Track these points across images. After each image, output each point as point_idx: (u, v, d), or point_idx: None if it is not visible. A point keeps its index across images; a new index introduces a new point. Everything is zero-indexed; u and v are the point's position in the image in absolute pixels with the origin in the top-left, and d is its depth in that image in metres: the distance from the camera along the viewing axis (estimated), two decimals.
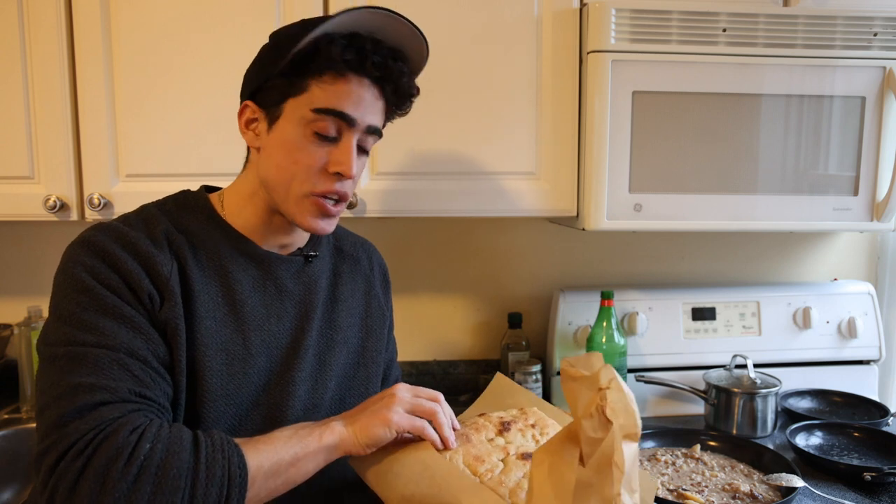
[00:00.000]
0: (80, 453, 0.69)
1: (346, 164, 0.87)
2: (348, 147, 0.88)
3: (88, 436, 0.70)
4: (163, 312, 0.81)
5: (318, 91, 0.86)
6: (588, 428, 0.61)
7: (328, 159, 0.87)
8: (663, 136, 1.29)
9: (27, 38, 1.24)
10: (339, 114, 0.86)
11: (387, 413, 0.80)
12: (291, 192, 0.88)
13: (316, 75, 0.86)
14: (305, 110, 0.86)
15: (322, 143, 0.87)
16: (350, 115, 0.87)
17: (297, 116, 0.87)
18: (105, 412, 0.72)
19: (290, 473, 0.77)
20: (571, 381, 0.65)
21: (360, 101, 0.87)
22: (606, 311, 1.48)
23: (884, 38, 1.30)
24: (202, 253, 0.88)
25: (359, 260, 1.09)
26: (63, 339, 0.76)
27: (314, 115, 0.86)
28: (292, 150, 0.87)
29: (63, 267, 0.81)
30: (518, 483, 0.78)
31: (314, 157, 0.87)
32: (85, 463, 0.68)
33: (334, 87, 0.86)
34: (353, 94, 0.87)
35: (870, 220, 1.35)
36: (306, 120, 0.86)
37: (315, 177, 0.88)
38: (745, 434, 1.41)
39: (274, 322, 0.91)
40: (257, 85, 0.90)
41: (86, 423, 0.70)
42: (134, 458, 0.69)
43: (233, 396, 0.85)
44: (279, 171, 0.88)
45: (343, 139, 0.88)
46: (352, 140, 0.88)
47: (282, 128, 0.88)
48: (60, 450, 0.69)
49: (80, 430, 0.70)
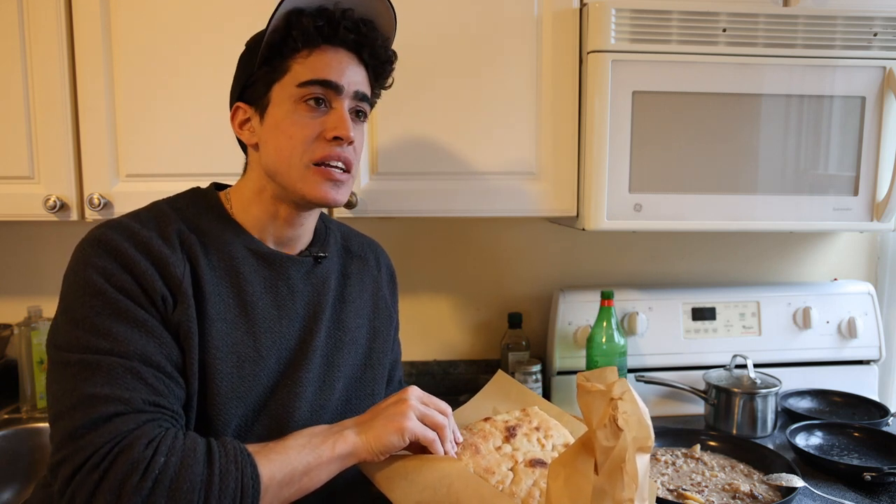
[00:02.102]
0: (96, 467, 0.69)
1: (343, 127, 0.88)
2: (341, 111, 0.89)
3: (104, 449, 0.70)
4: (176, 314, 0.81)
5: (299, 67, 0.88)
6: (602, 437, 0.64)
7: (324, 128, 0.88)
8: (663, 136, 1.29)
9: (27, 38, 1.24)
10: (324, 82, 0.88)
11: (401, 421, 0.80)
12: (294, 167, 0.88)
13: (293, 53, 0.88)
14: (291, 88, 0.88)
15: (314, 114, 0.88)
16: (335, 82, 0.88)
17: (285, 97, 0.88)
18: (119, 424, 0.72)
19: (303, 483, 0.77)
20: (587, 395, 0.67)
21: (342, 69, 0.89)
22: (606, 311, 1.48)
23: (884, 38, 1.30)
24: (214, 253, 0.88)
25: (367, 260, 1.09)
26: (76, 344, 0.76)
27: (300, 90, 0.87)
28: (287, 128, 0.88)
29: (74, 267, 0.80)
30: (529, 492, 0.79)
31: (309, 127, 0.88)
32: (101, 477, 0.69)
33: (313, 59, 0.88)
34: (333, 63, 0.89)
35: (870, 220, 1.35)
36: (294, 97, 0.88)
37: (314, 145, 0.88)
38: (745, 434, 1.41)
39: (285, 324, 0.91)
40: (242, 85, 0.92)
41: (101, 435, 0.71)
42: (149, 472, 0.69)
43: (243, 398, 0.85)
44: (279, 152, 0.89)
45: (334, 106, 0.89)
46: (343, 105, 0.89)
47: (273, 114, 0.89)
48: (76, 463, 0.70)
49: (95, 444, 0.70)
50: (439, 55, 1.29)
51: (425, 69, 1.29)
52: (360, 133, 0.94)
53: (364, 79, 0.94)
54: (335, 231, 1.07)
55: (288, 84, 0.88)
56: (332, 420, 0.89)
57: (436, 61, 1.29)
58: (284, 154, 0.88)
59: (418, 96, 1.29)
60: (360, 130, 0.94)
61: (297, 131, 0.88)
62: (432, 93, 1.29)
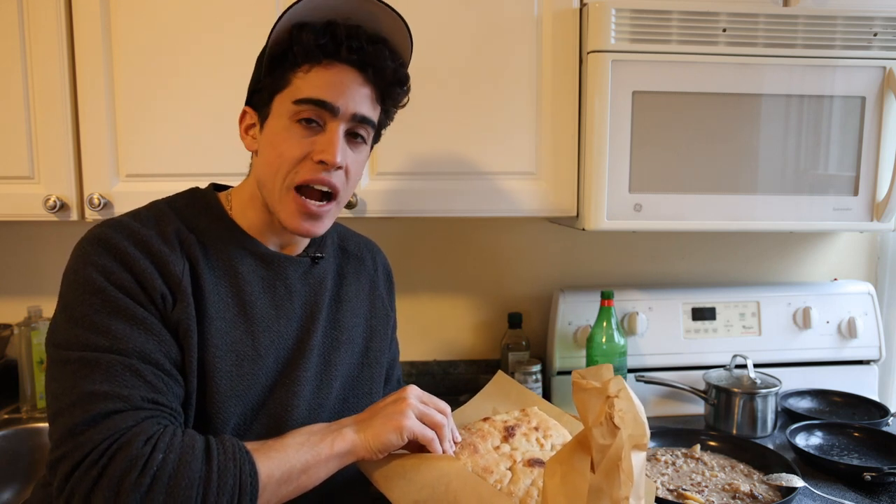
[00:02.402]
0: (95, 463, 0.69)
1: (330, 151, 0.85)
2: (332, 134, 0.86)
3: (102, 446, 0.70)
4: (175, 313, 0.81)
5: (299, 82, 0.86)
6: (598, 435, 0.64)
7: (312, 149, 0.86)
8: (663, 136, 1.29)
9: (27, 38, 1.24)
10: (319, 102, 0.85)
11: (400, 419, 0.80)
12: (276, 187, 0.87)
13: (295, 67, 0.86)
14: (288, 103, 0.86)
15: (307, 133, 0.86)
16: (331, 104, 0.85)
17: (283, 111, 0.87)
18: (118, 421, 0.72)
19: (302, 480, 0.77)
20: (582, 392, 0.67)
21: (341, 89, 0.86)
22: (606, 311, 1.48)
23: (884, 38, 1.30)
24: (212, 253, 0.88)
25: (363, 260, 1.09)
26: (75, 342, 0.76)
27: (296, 107, 0.85)
28: (278, 144, 0.86)
29: (74, 265, 0.80)
30: (527, 491, 0.79)
31: (298, 147, 0.86)
32: (99, 473, 0.69)
33: (314, 76, 0.85)
34: (334, 82, 0.85)
35: (870, 220, 1.35)
36: (289, 113, 0.86)
37: (300, 166, 0.86)
38: (745, 434, 1.41)
39: (283, 323, 0.91)
40: (251, 89, 0.91)
41: (99, 432, 0.71)
42: (147, 468, 0.69)
43: (241, 397, 0.85)
44: (268, 167, 0.88)
45: (328, 128, 0.86)
46: (337, 128, 0.86)
47: (270, 125, 0.88)
48: (75, 459, 0.70)
49: (93, 440, 0.70)
50: (439, 55, 1.29)
51: (425, 69, 1.28)
52: (356, 157, 0.90)
53: (369, 100, 0.89)
54: (332, 231, 1.07)
55: (286, 98, 0.86)
56: (330, 419, 0.89)
57: (436, 61, 1.29)
58: (272, 170, 0.87)
59: (418, 96, 1.28)
60: (358, 154, 0.91)
61: (287, 149, 0.86)
62: (432, 93, 1.29)
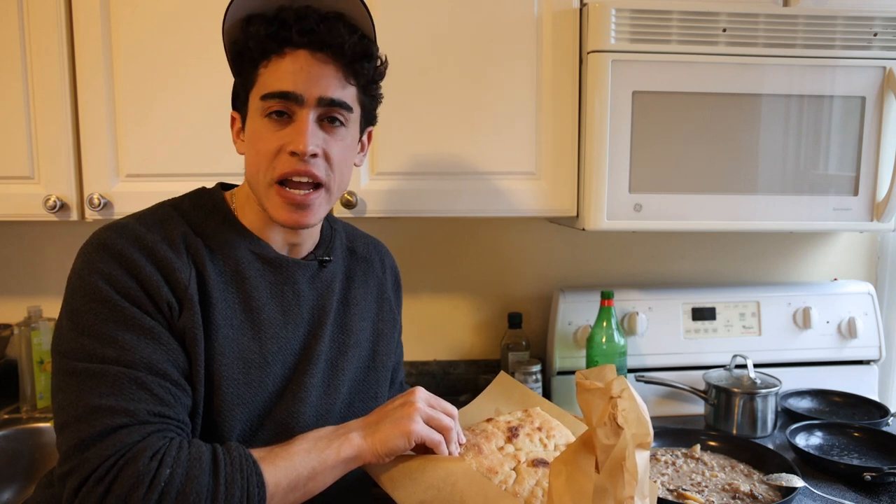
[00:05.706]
0: (101, 480, 0.69)
1: (299, 140, 0.82)
2: (300, 124, 0.83)
3: (109, 462, 0.70)
4: (181, 321, 0.80)
5: (263, 78, 0.84)
6: (602, 436, 0.64)
7: (284, 142, 0.83)
8: (663, 136, 1.29)
9: (27, 38, 1.24)
10: (282, 94, 0.82)
11: (408, 424, 0.80)
12: (260, 184, 0.86)
13: (256, 62, 0.85)
14: (257, 101, 0.85)
15: (278, 127, 0.84)
16: (293, 93, 0.82)
17: (255, 108, 0.86)
18: (125, 436, 0.72)
19: (309, 487, 0.77)
20: (586, 393, 0.67)
21: (301, 76, 0.83)
22: (606, 311, 1.48)
23: (884, 38, 1.30)
24: (219, 258, 0.87)
25: (372, 262, 1.07)
26: (81, 352, 0.75)
27: (264, 103, 0.84)
28: (255, 142, 0.86)
29: (79, 272, 0.79)
30: (532, 491, 0.79)
31: (270, 141, 0.84)
32: (106, 489, 0.69)
33: (273, 68, 0.84)
34: (293, 70, 0.83)
35: (870, 220, 1.35)
36: (261, 110, 0.85)
37: (277, 161, 0.84)
38: (745, 434, 1.40)
39: (290, 329, 0.90)
40: (232, 93, 0.91)
41: (106, 448, 0.71)
42: (154, 484, 0.69)
43: (248, 404, 0.84)
44: (250, 166, 0.87)
45: (296, 118, 0.84)
46: (305, 117, 0.83)
47: (248, 125, 0.88)
48: (82, 475, 0.70)
49: (100, 456, 0.70)
50: (439, 55, 1.29)
51: (425, 69, 1.29)
52: (336, 143, 0.87)
53: (335, 80, 0.85)
54: (340, 232, 1.06)
55: (255, 95, 0.85)
56: (337, 424, 0.88)
57: (436, 61, 1.29)
58: (254, 169, 0.86)
59: (418, 96, 1.29)
60: (339, 139, 0.87)
61: (262, 146, 0.84)
62: (432, 93, 1.29)
